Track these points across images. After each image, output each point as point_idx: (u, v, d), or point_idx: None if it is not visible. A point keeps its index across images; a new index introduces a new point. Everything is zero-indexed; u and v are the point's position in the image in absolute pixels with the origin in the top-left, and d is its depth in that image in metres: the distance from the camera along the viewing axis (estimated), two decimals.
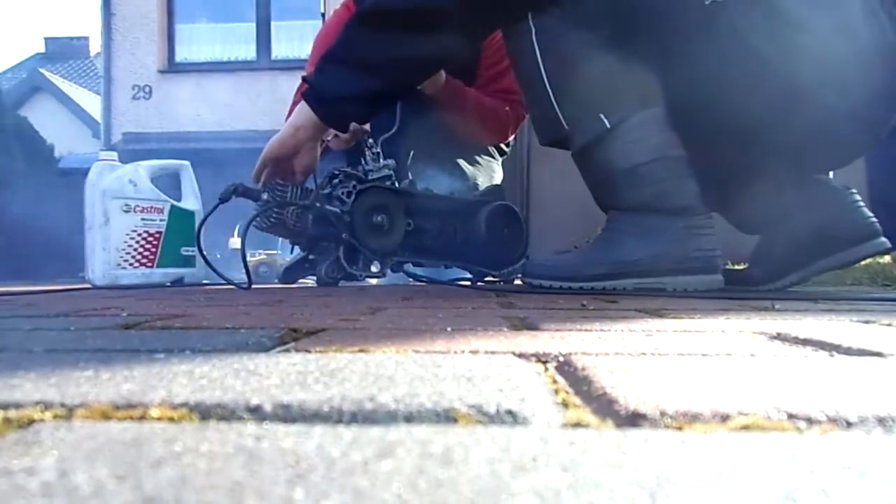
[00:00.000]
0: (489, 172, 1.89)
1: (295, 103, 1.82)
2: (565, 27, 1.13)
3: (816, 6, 1.03)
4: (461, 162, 1.82)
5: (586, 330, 0.52)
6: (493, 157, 1.95)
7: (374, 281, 1.69)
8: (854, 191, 1.22)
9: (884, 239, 1.19)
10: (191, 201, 1.74)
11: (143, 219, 1.60)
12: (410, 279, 1.59)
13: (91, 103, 10.34)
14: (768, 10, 1.04)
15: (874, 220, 1.19)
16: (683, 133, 1.13)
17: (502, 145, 1.98)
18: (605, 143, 1.13)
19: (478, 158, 1.88)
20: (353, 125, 1.44)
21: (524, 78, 1.22)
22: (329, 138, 1.56)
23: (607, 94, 1.13)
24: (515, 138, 2.05)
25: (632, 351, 0.41)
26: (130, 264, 1.58)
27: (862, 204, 1.20)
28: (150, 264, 1.61)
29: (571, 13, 1.11)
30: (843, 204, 1.20)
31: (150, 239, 1.62)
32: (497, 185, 1.82)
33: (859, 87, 1.05)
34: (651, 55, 1.10)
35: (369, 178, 1.41)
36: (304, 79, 1.28)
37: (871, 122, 1.11)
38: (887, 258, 1.43)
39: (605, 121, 1.12)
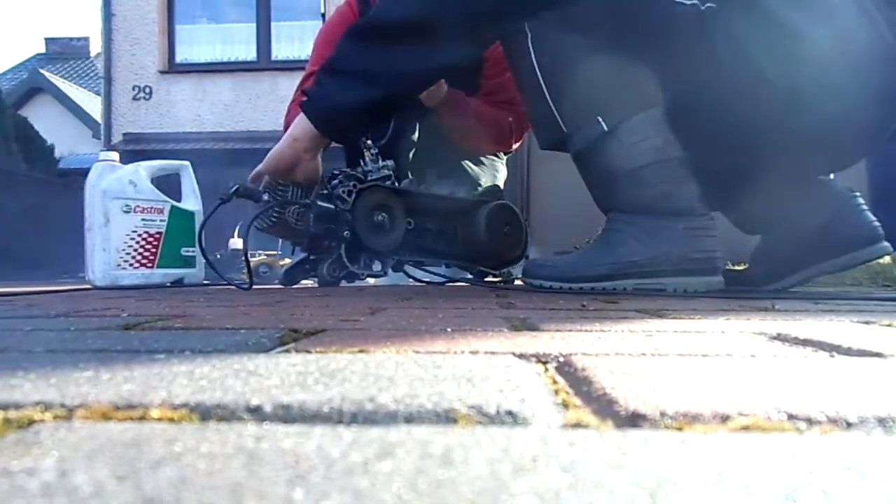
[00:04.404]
0: (493, 172, 1.89)
1: (294, 101, 1.82)
2: (560, 31, 1.13)
3: (809, 11, 1.03)
4: (465, 163, 1.82)
5: (586, 330, 0.52)
6: (498, 157, 1.95)
7: (372, 280, 1.69)
8: (857, 193, 1.22)
9: (886, 243, 1.19)
10: (191, 202, 1.74)
11: (143, 219, 1.60)
12: (410, 279, 1.59)
13: (91, 104, 10.34)
14: (762, 16, 1.04)
15: (877, 223, 1.19)
16: (683, 135, 1.13)
17: None
18: (603, 145, 1.13)
19: (482, 159, 1.88)
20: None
21: (522, 82, 1.23)
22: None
23: (604, 97, 1.13)
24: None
25: (632, 351, 0.41)
26: (130, 265, 1.58)
27: (865, 207, 1.20)
28: (150, 265, 1.61)
29: (566, 18, 1.12)
30: (845, 206, 1.20)
31: (151, 239, 1.62)
32: (497, 185, 1.83)
33: (857, 90, 1.05)
34: (647, 59, 1.11)
35: (369, 178, 1.41)
36: (303, 91, 1.28)
37: (870, 125, 1.11)
38: (887, 258, 1.43)
39: (603, 123, 1.12)
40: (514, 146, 1.92)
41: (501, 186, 1.92)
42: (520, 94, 1.29)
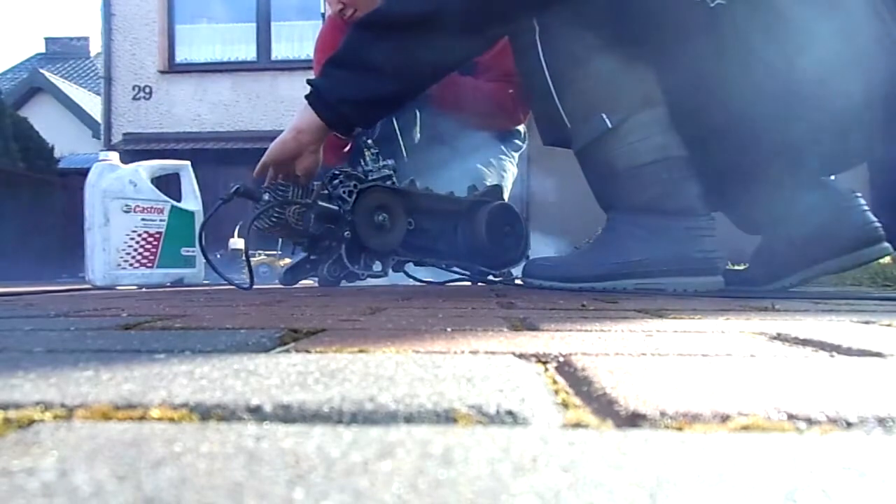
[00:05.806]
0: (500, 172, 1.88)
1: None
2: (568, 27, 1.13)
3: (818, 8, 1.03)
4: (469, 162, 1.81)
5: (586, 330, 0.52)
6: (508, 155, 1.93)
7: (371, 280, 1.69)
8: (858, 194, 1.22)
9: (887, 244, 1.19)
10: (191, 202, 1.75)
11: (143, 219, 1.60)
12: (410, 279, 1.59)
13: (91, 103, 10.33)
14: (771, 12, 1.04)
15: (878, 224, 1.19)
16: (686, 133, 1.13)
17: (517, 140, 1.97)
18: (606, 142, 1.13)
19: (491, 159, 1.87)
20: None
21: (527, 76, 1.22)
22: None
23: (609, 94, 1.13)
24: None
25: (632, 351, 0.41)
26: (130, 265, 1.58)
27: (866, 207, 1.20)
28: (150, 265, 1.61)
29: (575, 13, 1.11)
30: (846, 207, 1.20)
31: (150, 239, 1.62)
32: (498, 185, 1.82)
33: (863, 92, 1.05)
34: (654, 56, 1.10)
35: (369, 178, 1.41)
36: (308, 82, 1.28)
37: (875, 125, 1.11)
38: (887, 258, 1.43)
39: (607, 120, 1.12)
40: (524, 119, 1.90)
41: (509, 186, 1.90)
42: (525, 89, 1.29)
